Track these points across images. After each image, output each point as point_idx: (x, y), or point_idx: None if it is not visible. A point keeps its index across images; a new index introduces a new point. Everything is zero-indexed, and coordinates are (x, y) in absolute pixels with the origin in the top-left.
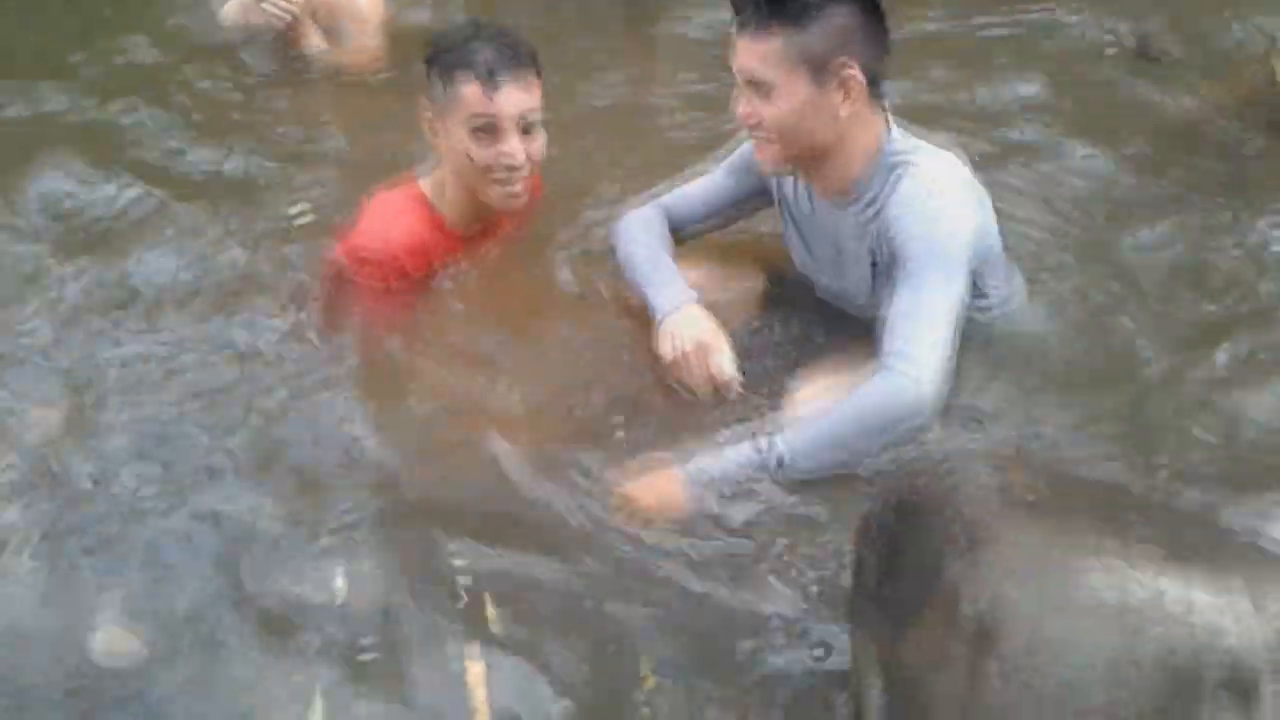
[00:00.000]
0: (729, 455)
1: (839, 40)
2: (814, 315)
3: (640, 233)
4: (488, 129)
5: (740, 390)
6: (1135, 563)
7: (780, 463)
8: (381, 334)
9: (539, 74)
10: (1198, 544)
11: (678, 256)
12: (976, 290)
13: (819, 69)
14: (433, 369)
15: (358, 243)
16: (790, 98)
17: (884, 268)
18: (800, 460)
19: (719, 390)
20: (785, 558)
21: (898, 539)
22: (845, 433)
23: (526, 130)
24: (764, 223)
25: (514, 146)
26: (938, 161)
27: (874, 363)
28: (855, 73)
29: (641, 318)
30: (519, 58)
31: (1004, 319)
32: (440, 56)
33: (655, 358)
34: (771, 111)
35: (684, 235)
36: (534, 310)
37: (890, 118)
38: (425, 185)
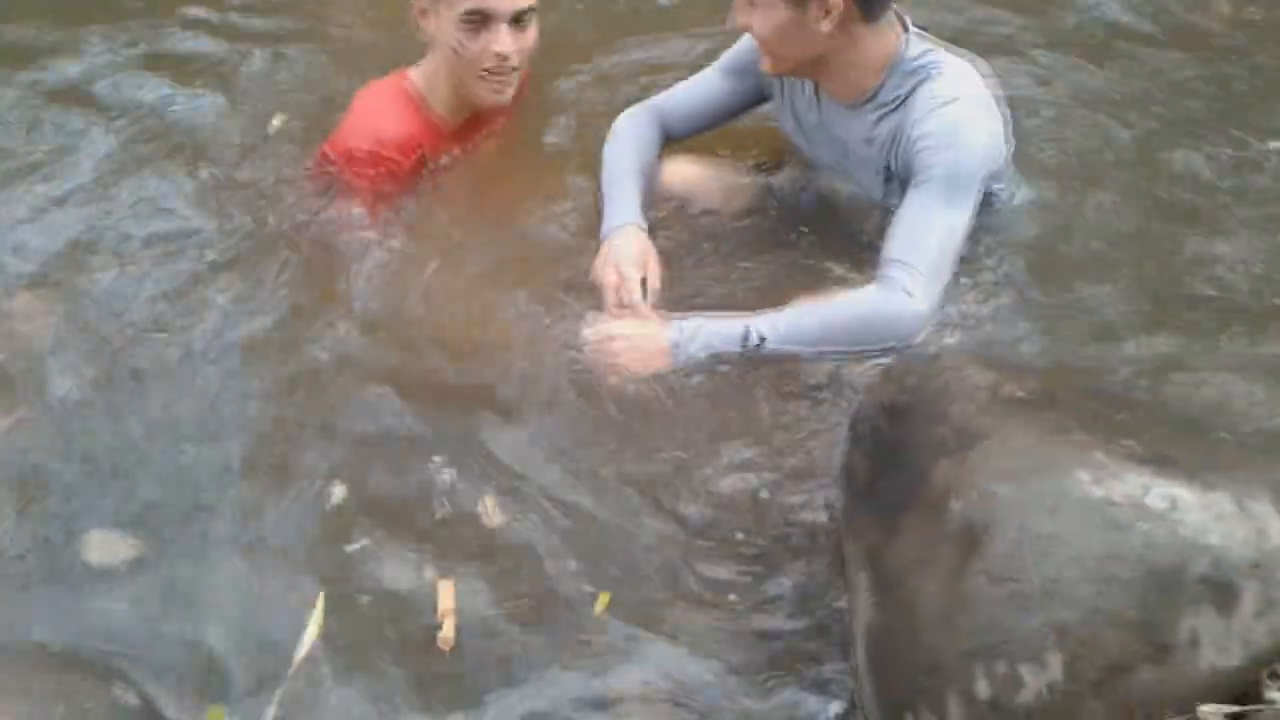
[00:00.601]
0: (714, 325)
1: None
2: (808, 212)
3: (619, 140)
4: (481, 20)
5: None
6: (1121, 462)
7: (760, 342)
8: (369, 231)
9: None
10: (1183, 445)
11: (674, 148)
12: (992, 187)
13: None
14: (420, 267)
15: (346, 136)
16: (769, 13)
17: (898, 173)
18: (779, 344)
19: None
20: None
21: (887, 439)
22: (832, 333)
23: (519, 22)
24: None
25: (505, 40)
26: (959, 70)
27: (876, 266)
28: None
29: None
30: None
31: (1002, 220)
32: None
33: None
34: (757, 24)
35: (678, 136)
36: (521, 206)
37: (908, 26)
38: (415, 76)
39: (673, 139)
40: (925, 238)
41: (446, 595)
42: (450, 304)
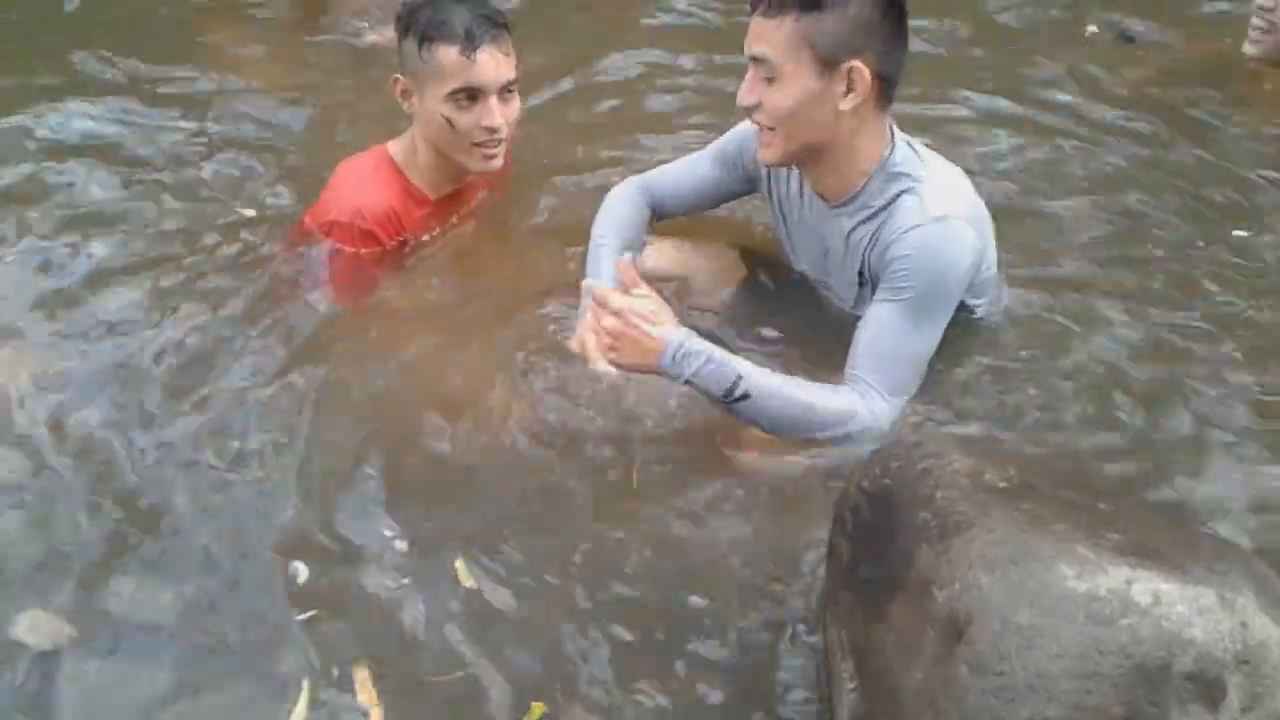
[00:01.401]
0: (710, 367)
1: (853, 32)
2: (791, 300)
3: (607, 213)
4: (469, 96)
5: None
6: (1104, 554)
7: (742, 398)
8: (351, 300)
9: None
10: (1166, 537)
11: (660, 230)
12: (970, 300)
13: (828, 59)
14: (398, 336)
15: (326, 208)
16: (794, 85)
17: (870, 279)
18: (752, 410)
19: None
20: (757, 545)
21: (870, 525)
22: (796, 418)
23: (504, 95)
24: (753, 206)
25: (494, 113)
26: (943, 181)
27: (845, 368)
28: (864, 69)
29: None
30: (495, 23)
31: (985, 320)
32: (415, 23)
33: None
34: (774, 98)
35: (667, 214)
36: (503, 279)
37: (896, 130)
38: (394, 149)
39: (662, 217)
40: (895, 357)
41: (365, 685)
42: (427, 372)
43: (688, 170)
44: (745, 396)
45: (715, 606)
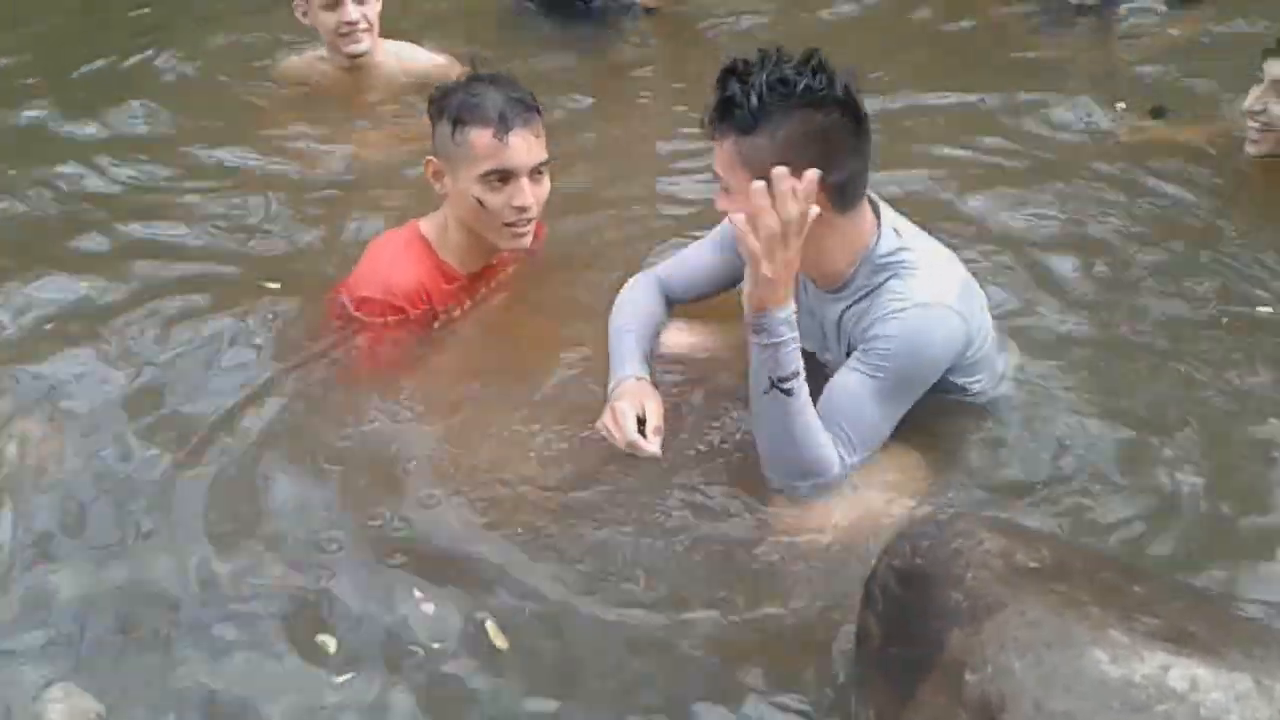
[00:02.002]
0: (796, 342)
1: (784, 151)
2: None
3: (622, 305)
4: (501, 177)
5: (658, 456)
6: (1140, 639)
7: (787, 391)
8: (378, 372)
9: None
10: (1202, 621)
11: (682, 313)
12: (961, 381)
13: (765, 177)
14: (427, 410)
15: (357, 284)
16: (742, 199)
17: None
18: (779, 408)
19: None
20: (788, 622)
21: (901, 604)
22: (796, 444)
23: (535, 176)
24: None
25: (526, 194)
26: (931, 267)
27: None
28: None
29: None
30: (527, 106)
31: (998, 395)
32: (448, 106)
33: None
34: (731, 209)
35: (681, 301)
36: (531, 352)
37: (883, 213)
38: (426, 226)
39: (677, 303)
40: (865, 421)
41: None
42: (455, 445)
43: (694, 258)
44: (788, 393)
45: (747, 683)
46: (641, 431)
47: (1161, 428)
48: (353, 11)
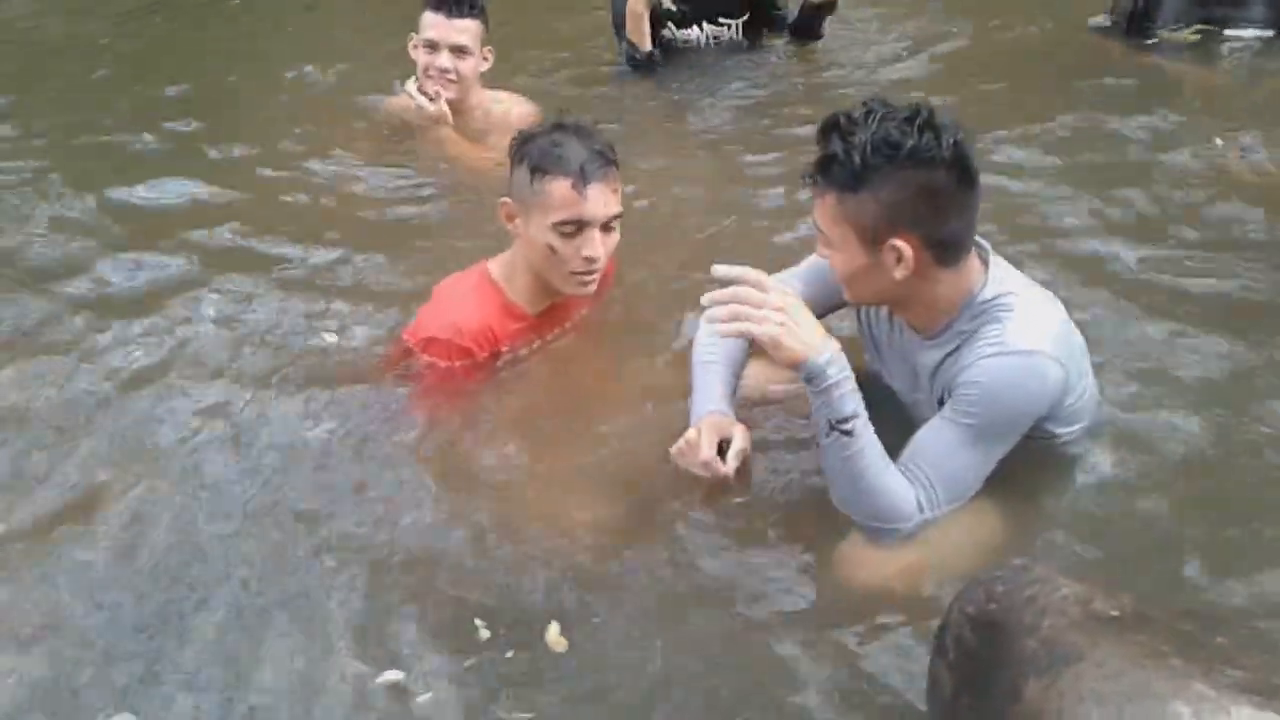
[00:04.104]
0: (851, 382)
1: (889, 212)
2: (881, 415)
3: (707, 336)
4: (576, 227)
5: (734, 482)
6: (1224, 691)
7: (848, 432)
8: (444, 410)
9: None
10: None
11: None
12: (1058, 430)
13: (869, 237)
14: (498, 452)
15: (425, 325)
16: (844, 255)
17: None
18: (846, 451)
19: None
20: (859, 668)
21: (974, 653)
22: (867, 486)
23: (607, 228)
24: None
25: (596, 245)
26: (1030, 315)
27: (904, 459)
28: (904, 246)
29: None
30: (606, 159)
31: (1085, 443)
32: (529, 152)
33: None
34: (833, 261)
35: None
36: (598, 395)
37: (990, 261)
38: (494, 267)
39: None
40: (955, 470)
41: None
42: (515, 483)
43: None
44: (849, 434)
45: None
46: (722, 457)
47: (1255, 494)
48: (445, 60)
